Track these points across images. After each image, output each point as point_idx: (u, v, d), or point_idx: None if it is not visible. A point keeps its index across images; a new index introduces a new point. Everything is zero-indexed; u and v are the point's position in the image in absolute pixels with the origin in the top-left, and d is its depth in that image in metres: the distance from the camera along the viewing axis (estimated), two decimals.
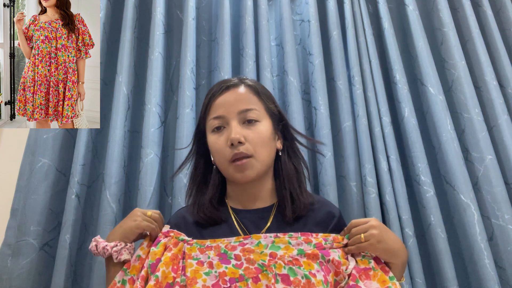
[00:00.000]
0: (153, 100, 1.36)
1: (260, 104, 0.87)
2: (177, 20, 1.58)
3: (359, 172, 1.37)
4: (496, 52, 1.59)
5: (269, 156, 0.85)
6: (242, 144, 0.80)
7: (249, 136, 0.82)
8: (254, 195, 0.88)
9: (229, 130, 0.83)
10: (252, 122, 0.84)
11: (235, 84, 0.88)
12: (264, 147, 0.83)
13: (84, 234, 1.28)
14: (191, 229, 0.87)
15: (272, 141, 0.86)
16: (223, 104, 0.85)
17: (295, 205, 0.83)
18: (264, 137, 0.84)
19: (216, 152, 0.85)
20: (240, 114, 0.84)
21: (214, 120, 0.85)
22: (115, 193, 1.25)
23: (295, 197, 0.84)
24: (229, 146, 0.81)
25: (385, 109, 1.43)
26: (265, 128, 0.85)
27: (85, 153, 1.29)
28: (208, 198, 0.87)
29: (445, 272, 1.22)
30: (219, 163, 0.85)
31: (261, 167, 0.83)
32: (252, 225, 0.85)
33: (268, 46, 1.47)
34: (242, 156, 0.80)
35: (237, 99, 0.85)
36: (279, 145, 0.89)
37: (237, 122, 0.83)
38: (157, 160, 1.31)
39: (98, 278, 1.15)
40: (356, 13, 1.57)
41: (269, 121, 0.87)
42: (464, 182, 1.33)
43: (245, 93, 0.87)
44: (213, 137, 0.85)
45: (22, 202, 1.21)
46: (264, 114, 0.86)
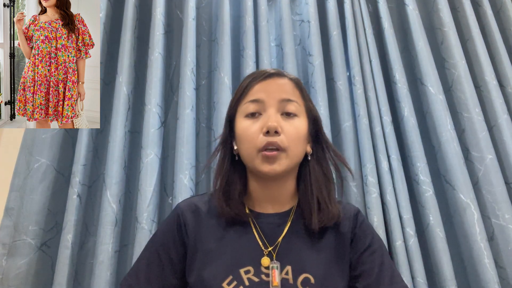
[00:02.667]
0: (153, 101, 1.36)
1: (301, 100, 0.81)
2: (177, 20, 1.58)
3: (359, 172, 1.37)
4: (496, 52, 1.60)
5: (299, 155, 0.79)
6: (278, 135, 0.74)
7: (286, 129, 0.76)
8: (275, 196, 0.82)
9: (265, 117, 0.76)
10: (291, 115, 0.78)
11: (279, 74, 0.82)
12: (298, 144, 0.77)
13: (85, 234, 1.28)
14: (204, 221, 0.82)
15: (305, 140, 0.80)
16: (264, 89, 0.78)
17: (322, 215, 0.77)
18: (300, 134, 0.78)
19: (245, 138, 0.77)
20: (281, 103, 0.77)
21: (250, 104, 0.78)
22: (115, 193, 1.25)
23: (323, 206, 0.78)
24: (264, 133, 0.74)
25: (386, 108, 1.43)
26: (302, 125, 0.79)
27: (86, 153, 1.29)
28: (237, 193, 0.80)
29: (444, 272, 1.22)
30: (246, 152, 0.78)
31: (290, 164, 0.77)
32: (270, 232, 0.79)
33: (267, 47, 1.47)
34: (275, 147, 0.74)
35: (280, 87, 0.79)
36: (308, 149, 0.82)
37: (276, 110, 0.77)
38: (157, 161, 1.31)
39: (99, 278, 1.15)
40: (356, 13, 1.57)
41: (306, 119, 0.81)
42: (464, 181, 1.33)
43: (288, 84, 0.80)
44: (245, 122, 0.78)
45: (18, 201, 1.21)
46: (303, 111, 0.81)
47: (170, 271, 0.81)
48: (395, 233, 1.25)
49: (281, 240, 0.78)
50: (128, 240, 1.29)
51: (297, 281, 0.74)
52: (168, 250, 0.82)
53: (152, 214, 1.24)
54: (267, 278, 0.74)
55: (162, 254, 0.82)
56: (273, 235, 0.79)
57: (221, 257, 0.77)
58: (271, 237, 0.79)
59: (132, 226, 1.30)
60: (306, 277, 0.74)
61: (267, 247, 0.78)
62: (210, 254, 0.78)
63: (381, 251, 0.82)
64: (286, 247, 0.78)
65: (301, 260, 0.76)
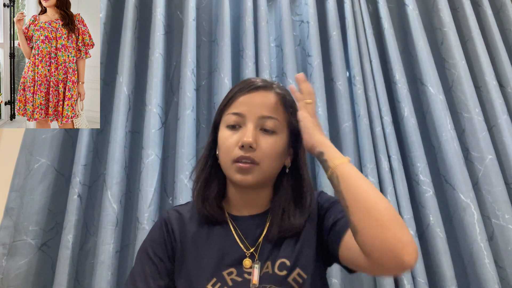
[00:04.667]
0: (153, 101, 1.36)
1: (284, 116, 0.83)
2: (177, 21, 1.58)
3: None
4: (496, 52, 1.60)
5: (274, 169, 0.83)
6: (253, 150, 0.78)
7: (262, 145, 0.79)
8: (251, 201, 0.86)
9: (244, 131, 0.80)
10: (269, 132, 0.81)
11: (265, 86, 0.84)
12: (273, 160, 0.81)
13: (85, 234, 1.28)
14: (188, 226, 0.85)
15: (283, 155, 0.83)
16: (247, 103, 0.82)
17: (282, 226, 0.81)
18: (276, 150, 0.81)
19: (223, 148, 0.82)
20: (260, 120, 0.80)
21: (232, 116, 0.82)
22: (116, 193, 1.25)
23: (285, 217, 0.81)
24: (239, 147, 0.78)
25: (386, 108, 1.43)
26: (280, 141, 0.82)
27: (87, 153, 1.29)
28: (213, 194, 0.85)
29: (444, 272, 1.22)
30: (223, 160, 0.82)
31: (263, 177, 0.81)
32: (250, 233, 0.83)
33: (267, 48, 1.47)
34: (248, 161, 0.78)
35: (263, 104, 0.82)
36: (287, 162, 0.86)
37: (255, 126, 0.80)
38: (157, 161, 1.31)
39: (100, 278, 1.15)
40: (356, 13, 1.58)
41: (286, 134, 0.84)
42: (464, 181, 1.33)
43: (272, 100, 0.83)
44: (225, 133, 0.82)
45: (19, 201, 1.21)
46: (283, 126, 0.83)
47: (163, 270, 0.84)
48: None
49: (262, 240, 0.82)
50: (129, 240, 1.29)
51: (275, 268, 0.78)
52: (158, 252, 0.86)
53: (153, 215, 1.24)
54: (249, 276, 0.78)
55: (153, 257, 0.85)
56: (253, 236, 0.83)
57: (205, 260, 0.81)
58: (252, 238, 0.82)
59: (133, 227, 1.30)
60: (282, 262, 0.78)
61: (249, 248, 0.81)
62: (195, 258, 0.82)
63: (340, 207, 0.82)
64: (266, 245, 0.81)
65: (279, 251, 0.80)
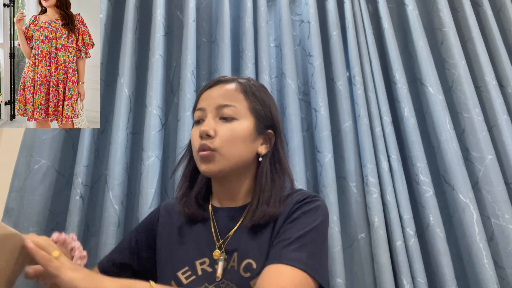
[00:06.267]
0: (154, 103, 1.36)
1: (244, 103, 0.85)
2: (177, 22, 1.58)
3: (359, 173, 1.37)
4: (496, 52, 1.60)
5: (239, 155, 0.83)
6: (211, 138, 0.81)
7: (220, 131, 0.82)
8: (231, 193, 0.88)
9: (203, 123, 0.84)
10: (228, 119, 0.83)
11: (226, 80, 0.88)
12: (234, 145, 0.82)
13: (87, 235, 1.28)
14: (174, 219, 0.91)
15: (249, 141, 0.84)
16: (206, 98, 0.87)
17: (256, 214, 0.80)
18: (236, 135, 0.82)
19: (192, 143, 0.86)
20: (218, 109, 0.84)
21: (197, 112, 0.87)
22: (118, 194, 1.25)
23: (259, 206, 0.81)
24: (199, 137, 0.82)
25: (386, 108, 1.43)
26: (241, 127, 0.83)
27: (88, 154, 1.29)
28: (194, 194, 0.89)
29: (444, 272, 1.22)
30: (194, 155, 0.86)
31: (227, 163, 0.82)
32: (224, 225, 0.85)
33: (267, 48, 1.47)
34: (206, 148, 0.81)
35: (220, 94, 0.85)
36: (261, 150, 0.87)
37: (213, 116, 0.84)
38: (158, 163, 1.31)
39: None
40: (356, 13, 1.58)
41: (251, 121, 0.85)
42: (463, 181, 1.32)
43: (230, 90, 0.86)
44: (194, 129, 0.87)
45: (19, 202, 1.21)
46: (245, 113, 0.84)
47: (128, 250, 0.93)
48: (395, 233, 1.25)
49: (232, 233, 0.83)
50: None
51: (240, 267, 0.78)
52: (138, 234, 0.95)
53: None
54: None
55: (132, 237, 0.95)
56: (226, 229, 0.85)
57: (182, 250, 0.85)
58: (224, 230, 0.85)
59: (134, 227, 1.30)
60: (248, 263, 0.78)
61: (219, 240, 0.84)
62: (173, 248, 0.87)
63: (304, 225, 0.78)
64: (235, 240, 0.82)
65: (246, 249, 0.80)
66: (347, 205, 1.35)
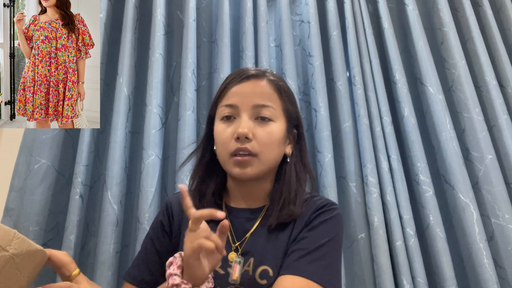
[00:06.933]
0: (154, 102, 1.36)
1: (279, 103, 0.81)
2: (177, 21, 1.58)
3: (359, 173, 1.37)
4: (496, 52, 1.60)
5: (274, 159, 0.80)
6: (249, 141, 0.76)
7: (259, 134, 0.77)
8: (249, 194, 0.84)
9: (238, 122, 0.78)
10: (265, 120, 0.78)
11: (257, 75, 0.82)
12: (271, 149, 0.78)
13: (86, 235, 1.28)
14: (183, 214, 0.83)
15: (282, 144, 0.81)
16: (239, 93, 0.80)
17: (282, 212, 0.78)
18: (274, 139, 0.78)
19: (220, 142, 0.80)
20: (254, 109, 0.78)
21: (225, 108, 0.80)
22: (116, 194, 1.25)
23: (285, 204, 0.79)
24: (235, 139, 0.76)
25: (386, 108, 1.43)
26: (277, 129, 0.79)
27: (88, 154, 1.29)
28: (211, 192, 0.84)
29: (444, 272, 1.22)
30: (220, 155, 0.81)
31: (264, 168, 0.78)
32: (239, 227, 0.82)
33: (267, 48, 1.47)
34: (246, 153, 0.76)
35: (255, 92, 0.79)
36: (288, 150, 0.84)
37: (249, 116, 0.78)
38: (158, 162, 1.31)
39: (100, 279, 1.15)
40: (356, 13, 1.57)
41: (284, 122, 0.82)
42: (463, 181, 1.33)
43: (265, 88, 0.80)
44: (220, 125, 0.80)
45: (18, 202, 1.21)
46: (280, 114, 0.81)
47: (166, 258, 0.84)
48: (395, 233, 1.25)
49: (249, 235, 0.80)
50: (129, 240, 1.29)
51: (256, 273, 0.76)
52: (159, 238, 0.87)
53: (154, 215, 1.23)
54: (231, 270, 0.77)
55: (156, 243, 0.87)
56: (242, 230, 0.81)
57: None
58: (240, 232, 0.81)
59: (133, 227, 1.30)
60: (264, 269, 0.76)
61: (235, 241, 0.80)
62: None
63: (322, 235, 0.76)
64: (252, 242, 0.79)
65: (263, 254, 0.77)
66: (347, 205, 1.35)
